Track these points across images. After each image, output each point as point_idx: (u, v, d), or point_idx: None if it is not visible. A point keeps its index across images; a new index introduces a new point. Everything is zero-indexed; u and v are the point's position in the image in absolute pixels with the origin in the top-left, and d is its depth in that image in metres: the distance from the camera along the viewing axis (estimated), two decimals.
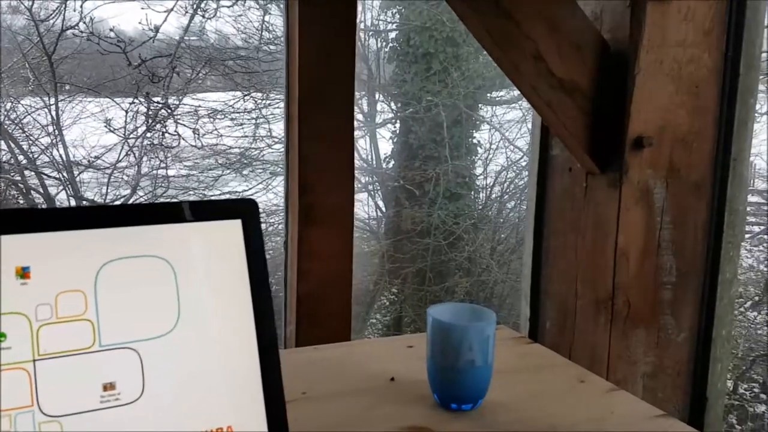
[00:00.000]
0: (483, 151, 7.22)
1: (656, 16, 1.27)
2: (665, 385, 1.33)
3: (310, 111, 1.28)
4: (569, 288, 1.43)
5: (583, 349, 1.38)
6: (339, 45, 1.28)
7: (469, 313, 0.91)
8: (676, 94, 1.28)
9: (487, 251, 6.76)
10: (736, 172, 1.31)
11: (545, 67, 1.29)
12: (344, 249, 1.32)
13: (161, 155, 6.83)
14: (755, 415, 5.39)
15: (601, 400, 0.92)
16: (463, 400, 0.86)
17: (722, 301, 1.32)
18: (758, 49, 1.37)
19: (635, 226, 1.29)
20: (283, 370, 0.97)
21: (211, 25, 6.95)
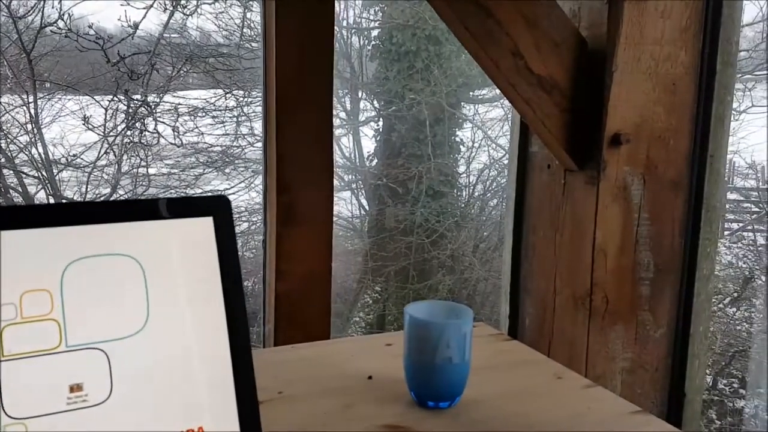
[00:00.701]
0: (466, 149, 7.24)
1: (634, 13, 1.27)
2: (643, 380, 1.34)
3: (287, 109, 1.27)
4: (548, 285, 1.43)
5: (562, 345, 1.38)
6: (317, 42, 1.26)
7: (446, 310, 0.90)
8: (653, 91, 1.28)
9: (469, 249, 6.78)
10: (713, 169, 1.32)
11: (524, 65, 1.29)
12: (323, 248, 1.31)
13: (142, 153, 6.76)
14: (734, 410, 5.46)
15: (578, 396, 0.92)
16: (440, 398, 0.86)
17: (699, 297, 1.33)
18: (735, 46, 1.39)
19: (613, 223, 1.29)
20: (260, 370, 0.95)
21: (192, 22, 6.89)
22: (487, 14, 1.25)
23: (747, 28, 6.39)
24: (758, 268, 6.35)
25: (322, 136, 1.30)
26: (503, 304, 1.62)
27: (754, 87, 6.33)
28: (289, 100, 1.26)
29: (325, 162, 1.30)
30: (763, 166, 7.37)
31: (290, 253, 1.28)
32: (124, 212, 0.64)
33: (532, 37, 1.27)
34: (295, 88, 1.26)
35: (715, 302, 6.11)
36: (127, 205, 0.65)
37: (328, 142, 1.31)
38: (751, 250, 6.65)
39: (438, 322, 0.86)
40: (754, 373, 5.53)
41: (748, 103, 6.15)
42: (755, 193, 7.34)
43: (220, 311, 0.66)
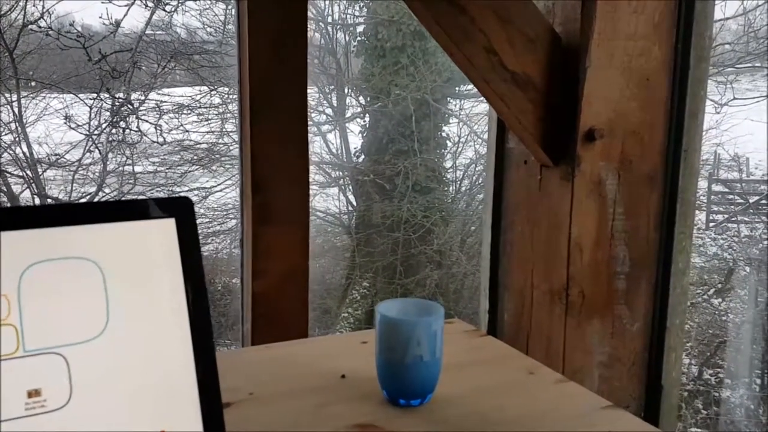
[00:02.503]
0: (452, 144, 7.25)
1: (607, 9, 1.28)
2: (621, 374, 1.35)
3: (261, 107, 1.26)
4: (526, 280, 1.44)
5: (540, 340, 1.39)
6: (290, 39, 1.26)
7: (417, 308, 0.90)
8: (627, 86, 1.29)
9: (456, 244, 6.80)
10: (687, 163, 1.32)
11: (498, 61, 1.29)
12: (300, 246, 1.30)
13: (127, 152, 6.72)
14: (720, 400, 5.52)
15: (549, 391, 0.92)
16: (412, 395, 0.86)
17: (675, 291, 1.34)
18: (708, 41, 1.39)
19: (588, 218, 1.30)
20: (232, 371, 0.95)
21: (177, 19, 6.84)
22: (461, 11, 1.25)
23: (730, 21, 6.43)
24: (742, 259, 6.41)
25: (297, 134, 1.29)
26: (482, 299, 1.62)
27: (736, 80, 6.38)
28: (263, 98, 1.26)
29: (300, 160, 1.30)
30: (747, 158, 7.44)
31: (267, 251, 1.28)
32: (84, 215, 0.63)
33: (505, 34, 1.27)
34: (268, 87, 1.26)
35: (700, 293, 6.16)
36: (86, 207, 0.64)
37: (303, 139, 1.31)
38: (736, 242, 6.71)
39: (408, 320, 0.86)
40: (738, 363, 5.59)
41: (730, 96, 6.21)
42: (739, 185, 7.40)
43: (182, 314, 0.65)
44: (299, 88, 1.28)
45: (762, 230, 6.58)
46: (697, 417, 5.28)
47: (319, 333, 6.38)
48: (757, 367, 5.53)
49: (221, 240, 6.80)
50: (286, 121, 1.28)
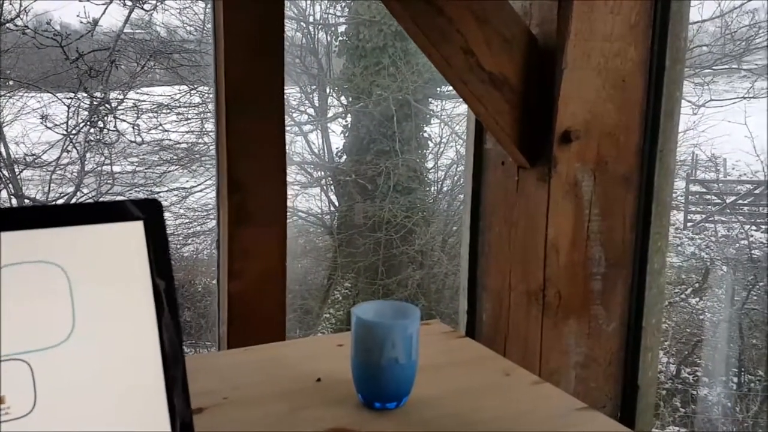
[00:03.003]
0: (434, 145, 7.27)
1: (583, 9, 1.28)
2: (597, 374, 1.35)
3: (237, 106, 1.25)
4: (503, 281, 1.44)
5: (517, 340, 1.39)
6: (267, 38, 1.25)
7: (393, 310, 0.90)
8: (603, 87, 1.30)
9: (438, 244, 6.81)
10: (662, 164, 1.33)
11: (475, 62, 1.29)
12: (277, 247, 1.29)
13: (106, 152, 6.64)
14: (698, 398, 5.59)
15: (525, 393, 0.92)
16: (387, 398, 0.86)
17: (651, 291, 1.35)
18: (683, 42, 1.40)
19: (564, 219, 1.30)
20: (206, 374, 0.94)
21: (157, 18, 6.78)
22: (438, 12, 1.25)
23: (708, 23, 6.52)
24: (719, 259, 6.49)
25: (274, 134, 1.28)
26: (461, 300, 1.62)
27: (713, 81, 6.46)
28: (239, 97, 1.24)
29: (277, 159, 1.29)
30: (724, 159, 7.54)
31: (243, 252, 1.26)
32: (49, 217, 0.62)
33: (482, 35, 1.27)
34: (245, 86, 1.25)
35: (678, 292, 6.24)
36: (51, 210, 0.63)
37: (280, 139, 1.29)
38: (713, 241, 6.80)
39: (383, 322, 0.86)
40: (715, 361, 5.66)
41: (707, 97, 6.29)
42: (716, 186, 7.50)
43: (151, 318, 0.64)
44: (276, 88, 1.27)
45: (738, 230, 6.68)
46: (675, 415, 5.34)
47: (300, 334, 6.35)
48: (734, 365, 5.60)
49: (201, 241, 6.74)
50: (263, 120, 1.27)
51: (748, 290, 5.88)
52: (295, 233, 7.73)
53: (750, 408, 5.19)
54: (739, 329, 5.65)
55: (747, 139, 6.25)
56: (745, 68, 6.80)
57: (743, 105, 6.33)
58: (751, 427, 5.12)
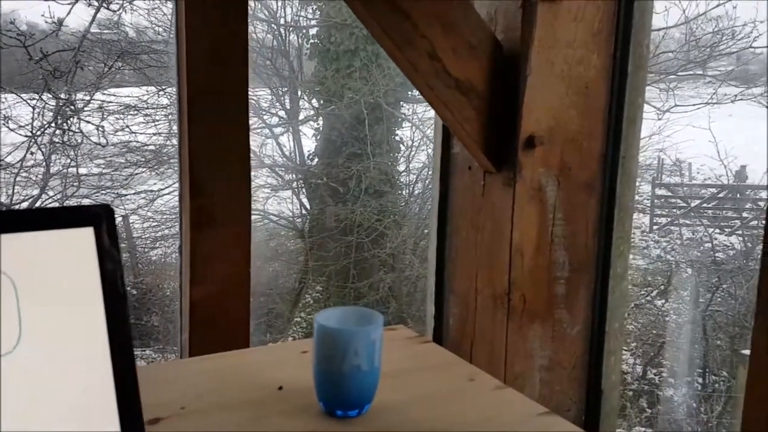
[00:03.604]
0: (405, 148, 7.28)
1: (547, 16, 1.29)
2: (561, 378, 1.36)
3: (200, 107, 1.23)
4: (470, 285, 1.44)
5: (483, 344, 1.40)
6: (230, 39, 1.23)
7: (356, 317, 0.89)
8: (566, 94, 1.31)
9: (410, 247, 6.82)
10: (625, 170, 1.35)
11: (441, 67, 1.29)
12: (241, 251, 1.27)
13: (71, 153, 6.51)
14: (664, 398, 5.68)
15: (488, 399, 0.92)
16: (349, 406, 0.85)
17: (614, 295, 1.36)
18: (646, 49, 1.42)
19: (529, 224, 1.31)
20: (165, 384, 0.92)
21: (126, 18, 6.67)
22: (404, 16, 1.25)
23: (673, 29, 6.66)
24: (684, 261, 6.62)
25: (238, 136, 1.26)
26: (429, 304, 1.62)
27: (678, 87, 6.60)
28: (201, 99, 1.23)
29: (241, 162, 1.27)
30: (689, 163, 7.71)
31: (206, 257, 1.24)
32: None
33: (448, 40, 1.28)
34: (207, 87, 1.23)
35: (644, 294, 6.35)
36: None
37: (244, 142, 1.28)
38: (678, 244, 6.93)
39: (345, 329, 0.85)
40: (681, 362, 5.77)
41: (672, 103, 6.42)
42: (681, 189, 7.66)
43: (100, 327, 0.62)
44: (239, 89, 1.25)
45: (703, 233, 6.83)
46: (641, 416, 5.42)
47: (270, 338, 6.30)
48: (698, 366, 5.72)
49: (170, 244, 6.65)
50: (226, 122, 1.25)
51: (712, 292, 6.01)
52: (266, 236, 7.67)
53: (714, 408, 5.30)
54: (703, 331, 5.77)
55: (711, 143, 6.39)
56: (710, 74, 6.96)
57: (707, 110, 6.48)
58: (715, 428, 5.23)
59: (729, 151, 6.62)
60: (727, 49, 6.86)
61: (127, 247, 7.29)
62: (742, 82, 7.07)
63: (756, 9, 7.04)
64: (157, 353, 6.28)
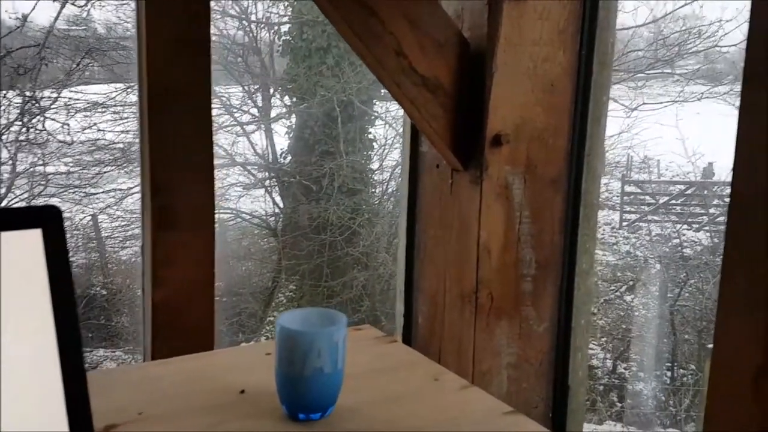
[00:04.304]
0: (378, 146, 7.28)
1: (513, 14, 1.29)
2: (529, 374, 1.37)
3: (161, 105, 1.20)
4: (439, 283, 1.44)
5: (452, 342, 1.39)
6: (192, 34, 1.20)
7: (319, 318, 0.88)
8: (532, 92, 1.31)
9: (383, 245, 6.82)
10: (590, 167, 1.36)
11: (408, 64, 1.28)
12: (205, 253, 1.25)
13: (38, 152, 6.37)
14: (634, 392, 5.78)
15: (453, 398, 0.91)
16: (311, 409, 0.83)
17: (580, 292, 1.37)
18: (611, 48, 1.43)
19: (496, 221, 1.31)
20: (123, 388, 0.90)
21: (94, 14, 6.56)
22: (370, 13, 1.24)
23: (642, 28, 6.75)
24: (652, 257, 6.74)
25: (201, 134, 1.24)
26: (398, 303, 1.62)
27: (646, 85, 6.70)
28: (163, 97, 1.20)
29: (204, 162, 1.25)
30: (658, 161, 7.85)
31: (168, 259, 1.22)
32: None
33: (415, 38, 1.27)
34: (168, 85, 1.20)
35: (614, 290, 6.44)
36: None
37: (207, 140, 1.25)
38: (647, 240, 7.05)
39: (307, 331, 0.83)
40: (650, 356, 5.87)
41: (641, 101, 6.52)
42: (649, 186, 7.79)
43: (49, 332, 0.60)
44: (202, 86, 1.22)
45: (671, 229, 6.95)
46: (611, 410, 5.50)
47: (243, 338, 6.24)
48: (667, 360, 5.82)
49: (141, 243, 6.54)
50: (188, 120, 1.22)
51: (680, 287, 6.12)
52: (238, 235, 7.61)
53: (683, 401, 5.40)
54: (671, 325, 5.88)
55: (678, 141, 6.51)
56: (678, 72, 7.08)
57: (675, 108, 6.60)
58: (684, 420, 5.33)
59: (696, 149, 6.74)
60: (694, 48, 6.98)
61: (96, 247, 7.16)
62: (709, 81, 7.21)
63: (722, 9, 7.18)
64: (127, 354, 6.19)
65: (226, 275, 6.65)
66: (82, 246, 7.10)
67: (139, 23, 1.22)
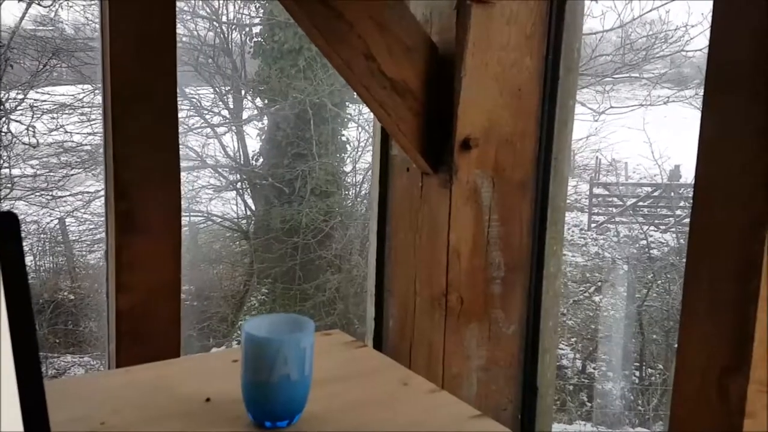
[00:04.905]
0: (351, 148, 7.26)
1: (481, 19, 1.30)
2: (498, 377, 1.37)
3: (125, 107, 1.18)
4: (409, 286, 1.44)
5: (422, 346, 1.39)
6: (157, 38, 1.18)
7: (287, 324, 0.87)
8: (500, 96, 1.32)
9: (356, 248, 6.80)
10: (557, 171, 1.37)
11: (377, 67, 1.28)
12: (170, 258, 1.23)
13: (4, 154, 6.23)
14: (603, 392, 5.85)
15: (421, 403, 0.91)
16: (278, 417, 0.83)
17: (548, 294, 1.38)
18: (577, 52, 1.45)
19: (465, 225, 1.32)
20: (86, 397, 0.88)
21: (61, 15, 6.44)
22: (337, 16, 1.23)
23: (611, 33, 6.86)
24: (620, 258, 6.85)
25: (166, 137, 1.22)
26: (369, 306, 1.61)
27: (613, 89, 6.82)
28: (127, 99, 1.18)
29: (170, 165, 1.23)
30: (625, 163, 7.99)
31: (132, 264, 1.19)
32: None
33: (383, 41, 1.27)
34: (132, 87, 1.18)
35: (583, 290, 6.53)
36: None
37: (172, 143, 1.23)
38: (615, 241, 7.16)
39: (274, 338, 0.83)
40: (619, 356, 5.95)
41: (608, 105, 6.62)
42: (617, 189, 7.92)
43: (5, 341, 0.58)
44: (167, 89, 1.21)
45: (638, 230, 7.07)
46: (582, 410, 5.57)
47: (213, 343, 6.17)
48: (636, 359, 5.91)
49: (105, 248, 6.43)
50: (153, 122, 1.20)
51: (648, 288, 6.23)
52: (210, 238, 7.52)
53: (651, 401, 5.49)
54: (639, 325, 5.97)
55: (646, 144, 6.63)
56: (645, 77, 7.21)
57: (642, 112, 6.71)
58: (652, 419, 5.42)
59: (663, 152, 6.88)
60: (660, 53, 7.12)
61: (64, 251, 7.02)
62: (675, 85, 7.36)
63: (688, 14, 7.34)
64: (95, 360, 6.07)
65: (196, 279, 6.58)
66: (49, 250, 6.97)
67: (103, 23, 1.20)
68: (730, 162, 0.87)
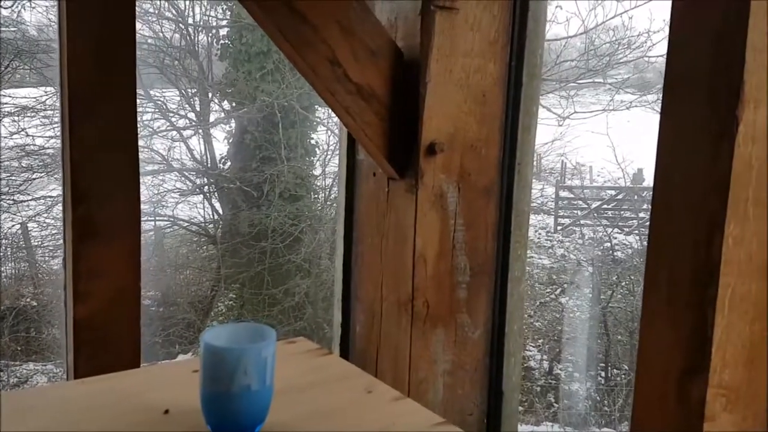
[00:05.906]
0: (321, 152, 7.24)
1: (445, 25, 1.30)
2: (464, 381, 1.38)
3: (82, 111, 1.15)
4: (375, 291, 1.43)
5: (388, 351, 1.39)
6: (115, 41, 1.16)
7: (247, 333, 0.85)
8: (464, 102, 1.32)
9: (326, 252, 6.78)
10: (521, 176, 1.38)
11: (342, 72, 1.27)
12: (130, 265, 1.20)
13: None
14: (570, 392, 5.93)
15: (385, 411, 0.91)
16: (238, 428, 0.81)
17: (513, 298, 1.39)
18: (539, 59, 1.46)
19: (431, 229, 1.32)
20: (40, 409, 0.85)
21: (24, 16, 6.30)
22: (302, 20, 1.22)
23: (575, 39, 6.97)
24: (585, 260, 6.95)
25: (125, 141, 1.19)
26: (335, 311, 1.60)
27: (577, 94, 6.93)
28: (85, 102, 1.15)
29: (128, 169, 1.20)
30: (590, 167, 8.13)
31: (90, 272, 1.16)
32: None
33: (348, 45, 1.26)
34: (90, 90, 1.15)
35: (549, 292, 6.61)
36: None
37: (131, 147, 1.21)
38: (581, 243, 7.27)
39: (234, 348, 0.81)
40: (585, 357, 6.03)
41: (572, 109, 6.72)
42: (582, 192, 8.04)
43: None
44: (126, 92, 1.18)
45: (603, 233, 7.18)
46: (549, 411, 5.63)
47: (180, 349, 6.08)
48: (601, 360, 6.00)
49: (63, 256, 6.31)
50: (111, 126, 1.17)
51: (613, 289, 6.33)
52: (176, 243, 7.41)
53: (617, 401, 5.58)
54: (605, 326, 6.07)
55: (609, 148, 6.74)
56: (609, 82, 7.34)
57: (605, 116, 6.84)
58: (618, 420, 5.50)
59: (626, 155, 7.01)
60: (624, 58, 7.26)
61: (26, 257, 6.84)
62: (638, 90, 7.51)
63: (650, 20, 7.50)
64: (58, 368, 5.93)
65: (162, 284, 6.47)
66: (11, 255, 6.79)
67: (61, 23, 1.17)
68: (688, 167, 0.88)
